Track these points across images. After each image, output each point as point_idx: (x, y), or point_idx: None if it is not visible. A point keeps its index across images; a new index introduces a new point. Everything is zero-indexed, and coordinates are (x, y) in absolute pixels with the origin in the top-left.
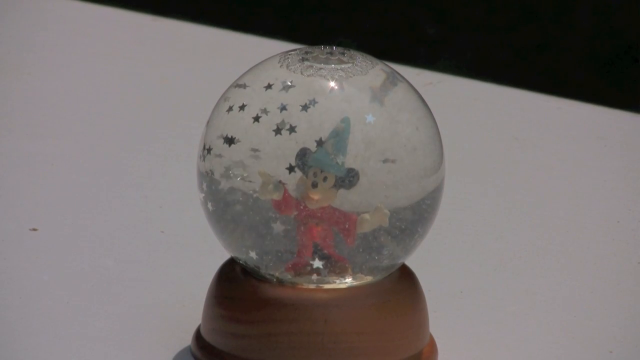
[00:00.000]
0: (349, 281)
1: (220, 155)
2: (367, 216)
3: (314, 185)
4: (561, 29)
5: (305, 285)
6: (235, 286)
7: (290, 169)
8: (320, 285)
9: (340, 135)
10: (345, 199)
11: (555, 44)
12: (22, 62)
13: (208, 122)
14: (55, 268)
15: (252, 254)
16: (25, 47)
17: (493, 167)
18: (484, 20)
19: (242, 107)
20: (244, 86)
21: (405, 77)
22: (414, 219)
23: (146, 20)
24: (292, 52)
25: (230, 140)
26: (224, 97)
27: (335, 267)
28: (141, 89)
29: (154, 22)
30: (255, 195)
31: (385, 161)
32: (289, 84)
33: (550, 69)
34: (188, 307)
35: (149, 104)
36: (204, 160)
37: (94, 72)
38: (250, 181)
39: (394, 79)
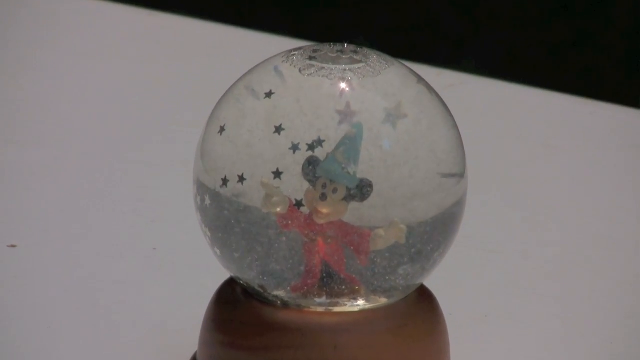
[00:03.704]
0: (361, 304)
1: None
2: (381, 232)
3: (323, 198)
4: (597, 25)
5: (313, 309)
6: (235, 309)
7: (299, 204)
8: (330, 308)
9: (351, 142)
10: (357, 213)
11: (590, 41)
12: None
13: (201, 148)
14: (35, 288)
15: (254, 274)
16: (9, 44)
17: (521, 177)
18: (512, 15)
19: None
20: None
21: (424, 77)
22: (433, 234)
23: (141, 14)
24: (297, 51)
25: (225, 181)
26: (214, 119)
27: (346, 288)
28: (134, 89)
29: (149, 16)
30: (258, 209)
31: (401, 171)
32: (288, 89)
33: (584, 69)
34: (183, 332)
35: (142, 106)
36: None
37: (84, 71)
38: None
39: (411, 80)
